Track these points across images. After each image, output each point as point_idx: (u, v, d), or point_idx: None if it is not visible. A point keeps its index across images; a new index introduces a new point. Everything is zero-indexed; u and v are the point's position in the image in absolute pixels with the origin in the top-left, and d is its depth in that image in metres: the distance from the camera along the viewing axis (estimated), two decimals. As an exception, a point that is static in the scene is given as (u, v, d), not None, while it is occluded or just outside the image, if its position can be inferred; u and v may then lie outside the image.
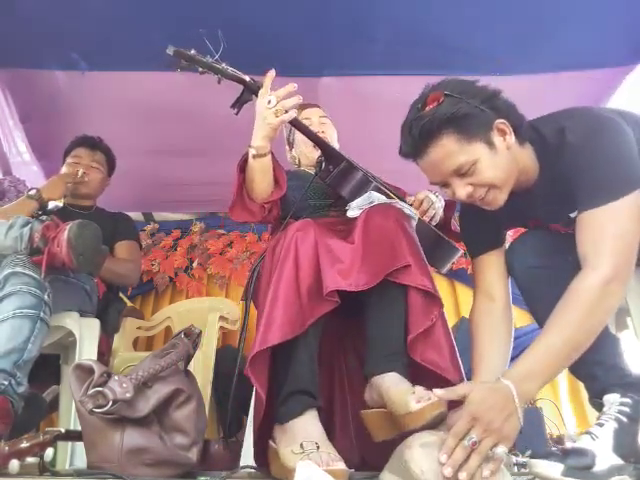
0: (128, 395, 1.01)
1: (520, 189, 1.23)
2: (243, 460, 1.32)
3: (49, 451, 1.00)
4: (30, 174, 2.85)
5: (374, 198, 1.45)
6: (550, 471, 0.97)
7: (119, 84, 2.39)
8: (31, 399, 1.64)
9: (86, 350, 1.65)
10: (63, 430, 1.10)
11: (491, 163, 1.14)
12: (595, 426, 1.11)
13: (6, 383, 1.24)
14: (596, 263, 1.03)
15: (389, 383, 1.14)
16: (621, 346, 1.22)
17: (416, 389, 1.08)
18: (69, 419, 1.57)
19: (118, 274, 2.05)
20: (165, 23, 2.09)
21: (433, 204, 1.66)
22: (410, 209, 1.45)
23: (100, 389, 1.01)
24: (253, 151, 1.46)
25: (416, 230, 1.41)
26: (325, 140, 1.68)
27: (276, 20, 2.08)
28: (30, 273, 1.39)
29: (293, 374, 1.17)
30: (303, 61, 2.26)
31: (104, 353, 1.86)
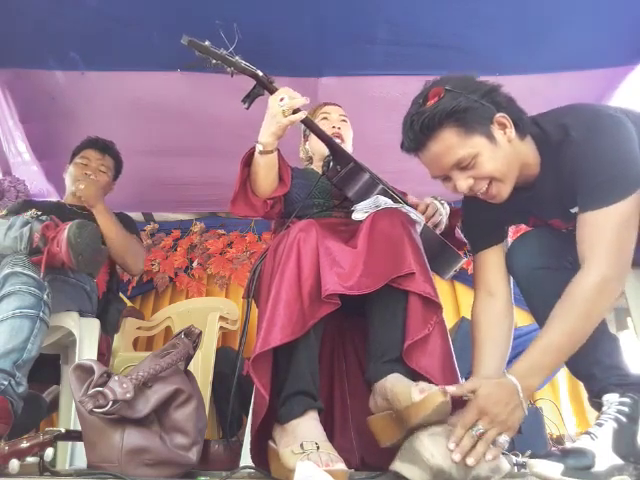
0: (128, 395, 1.01)
1: (522, 184, 1.24)
2: (243, 460, 1.32)
3: (49, 451, 1.00)
4: (30, 174, 2.85)
5: (380, 202, 1.43)
6: (550, 471, 0.98)
7: (119, 84, 2.38)
8: (31, 399, 1.65)
9: (86, 350, 1.65)
10: (63, 430, 1.10)
11: (491, 156, 1.15)
12: (594, 426, 1.11)
13: (6, 383, 1.24)
14: (594, 263, 1.06)
15: (393, 381, 1.15)
16: (620, 346, 1.22)
17: (419, 383, 1.08)
18: (69, 419, 1.57)
19: (131, 253, 2.00)
20: (165, 23, 2.09)
21: (438, 210, 1.64)
22: (416, 213, 1.44)
23: (100, 389, 1.01)
24: (260, 147, 1.44)
25: (421, 236, 1.40)
26: (335, 139, 1.66)
27: (276, 20, 2.08)
28: (30, 273, 1.40)
29: (294, 375, 1.17)
30: (303, 61, 2.26)
31: (104, 353, 1.86)
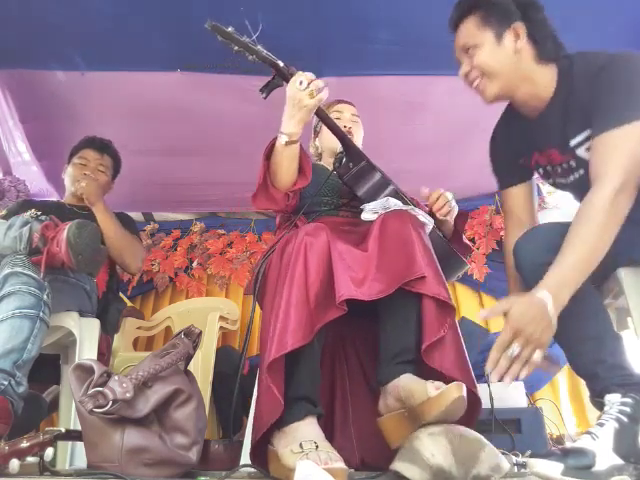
0: (128, 395, 1.01)
1: (529, 108, 1.35)
2: (243, 460, 1.31)
3: (49, 451, 0.99)
4: (30, 174, 2.86)
5: (390, 204, 1.41)
6: (550, 471, 0.98)
7: (119, 84, 2.38)
8: (31, 399, 1.65)
9: (86, 350, 1.65)
10: (63, 430, 1.10)
11: (490, 52, 1.28)
12: (596, 426, 1.11)
13: (6, 383, 1.24)
14: (607, 178, 1.14)
15: (406, 380, 1.15)
16: (623, 345, 1.22)
17: (435, 381, 1.09)
18: (69, 419, 1.57)
19: (130, 252, 2.01)
20: (165, 23, 2.09)
21: (449, 202, 1.60)
22: (425, 216, 1.42)
23: (100, 389, 1.01)
24: (285, 138, 1.40)
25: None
26: (349, 136, 1.63)
27: (276, 20, 2.08)
28: (29, 273, 1.39)
29: (296, 380, 1.16)
30: (303, 61, 2.25)
31: (104, 353, 1.86)
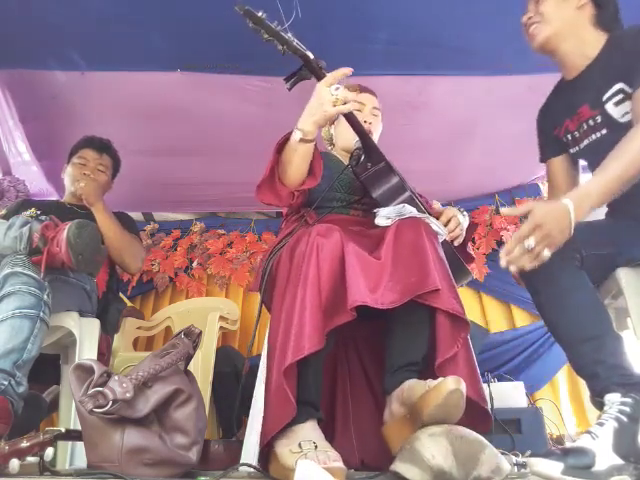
0: (128, 395, 1.01)
1: (569, 64, 1.47)
2: (243, 460, 1.32)
3: (49, 451, 1.00)
4: (30, 174, 2.86)
5: (406, 211, 1.37)
6: (550, 470, 0.98)
7: (119, 84, 2.38)
8: (31, 399, 1.65)
9: (86, 350, 1.64)
10: (63, 430, 1.10)
11: (556, 3, 1.43)
12: (595, 425, 1.11)
13: (6, 383, 1.24)
14: None
15: (410, 382, 1.15)
16: (624, 346, 1.22)
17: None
18: (69, 419, 1.57)
19: (130, 252, 2.01)
20: (165, 23, 2.09)
21: (460, 225, 1.56)
22: (439, 226, 1.39)
23: (100, 389, 1.01)
24: (300, 134, 1.35)
25: None
26: (370, 133, 1.59)
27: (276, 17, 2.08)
28: (30, 273, 1.39)
29: (302, 384, 1.15)
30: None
31: (104, 353, 1.86)
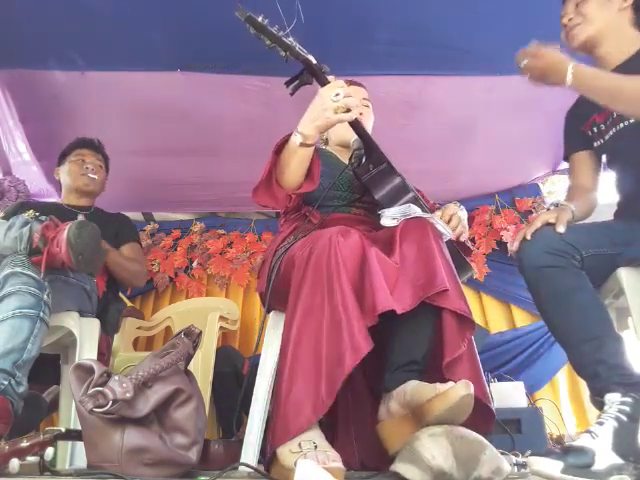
0: (128, 395, 1.01)
1: (605, 63, 1.46)
2: (243, 459, 1.32)
3: (49, 450, 1.00)
4: (30, 174, 2.86)
5: (411, 211, 1.36)
6: (550, 469, 0.98)
7: (119, 84, 2.39)
8: (31, 399, 1.65)
9: (86, 350, 1.64)
10: (63, 429, 1.10)
11: (599, 4, 1.43)
12: (595, 425, 1.11)
13: (6, 383, 1.24)
14: None
15: (414, 384, 1.14)
16: (624, 345, 1.22)
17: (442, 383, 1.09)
18: (69, 419, 1.57)
19: (131, 272, 2.08)
20: (165, 23, 2.09)
21: (462, 222, 1.54)
22: (443, 225, 1.39)
23: (100, 389, 1.01)
24: (300, 138, 1.33)
25: None
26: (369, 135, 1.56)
27: (276, 20, 2.08)
28: (30, 273, 1.39)
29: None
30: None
31: (104, 353, 1.86)
